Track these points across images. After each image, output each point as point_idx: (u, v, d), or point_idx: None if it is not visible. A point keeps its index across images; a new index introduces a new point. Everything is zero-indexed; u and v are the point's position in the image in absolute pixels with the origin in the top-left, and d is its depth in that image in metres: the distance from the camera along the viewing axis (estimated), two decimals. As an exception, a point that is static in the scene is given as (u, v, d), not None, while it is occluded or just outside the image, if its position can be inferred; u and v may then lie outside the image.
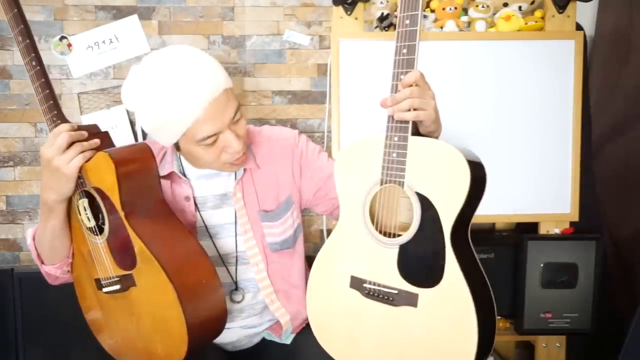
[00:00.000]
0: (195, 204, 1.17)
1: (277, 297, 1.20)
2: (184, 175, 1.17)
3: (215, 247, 1.18)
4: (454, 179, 0.89)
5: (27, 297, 1.60)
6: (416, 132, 0.96)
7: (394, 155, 0.94)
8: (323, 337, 1.06)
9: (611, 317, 1.58)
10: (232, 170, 1.15)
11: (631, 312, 1.10)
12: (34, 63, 1.01)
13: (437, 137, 1.00)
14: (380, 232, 0.98)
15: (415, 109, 0.92)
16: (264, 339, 1.26)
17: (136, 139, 1.75)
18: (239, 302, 1.19)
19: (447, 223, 0.91)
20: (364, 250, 0.99)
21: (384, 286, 0.96)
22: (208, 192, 1.18)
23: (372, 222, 1.00)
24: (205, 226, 1.17)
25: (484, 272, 0.96)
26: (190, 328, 0.98)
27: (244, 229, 1.18)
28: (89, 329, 1.18)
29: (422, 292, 0.93)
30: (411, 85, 0.92)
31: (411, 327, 0.94)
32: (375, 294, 0.98)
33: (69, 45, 1.72)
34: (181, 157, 1.18)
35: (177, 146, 1.08)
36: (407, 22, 0.90)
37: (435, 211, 0.91)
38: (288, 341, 1.23)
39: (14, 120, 1.75)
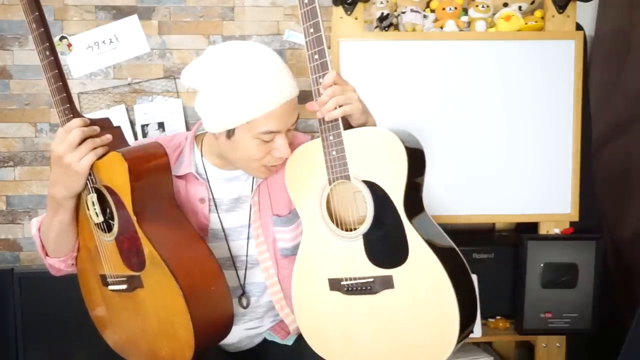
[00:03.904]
0: (215, 205, 1.17)
1: (286, 303, 1.20)
2: (202, 176, 1.17)
3: (229, 249, 1.17)
4: (391, 156, 0.94)
5: (27, 297, 1.60)
6: (349, 127, 1.00)
7: (334, 153, 0.98)
8: (318, 345, 1.07)
9: (611, 317, 1.58)
10: (262, 177, 1.14)
11: (631, 312, 1.11)
12: (47, 53, 0.97)
13: (371, 126, 1.04)
14: (344, 230, 1.01)
15: (340, 106, 0.96)
16: (265, 340, 1.26)
17: (136, 138, 1.75)
18: (244, 308, 1.19)
19: (398, 199, 0.95)
20: (332, 251, 1.02)
21: (360, 278, 0.99)
22: (224, 195, 1.18)
23: (333, 222, 1.02)
24: (223, 228, 1.17)
25: (447, 236, 1.01)
26: (197, 334, 0.97)
27: (257, 233, 1.18)
28: (90, 329, 1.17)
29: (395, 272, 0.96)
30: (331, 85, 0.96)
31: (395, 308, 0.97)
32: (354, 289, 1.00)
33: (69, 45, 1.72)
34: (204, 159, 1.18)
35: (228, 134, 1.05)
36: (312, 30, 0.96)
37: (384, 192, 0.96)
38: (289, 342, 1.23)
39: (14, 120, 1.75)
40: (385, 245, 0.98)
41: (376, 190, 0.96)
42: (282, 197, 1.20)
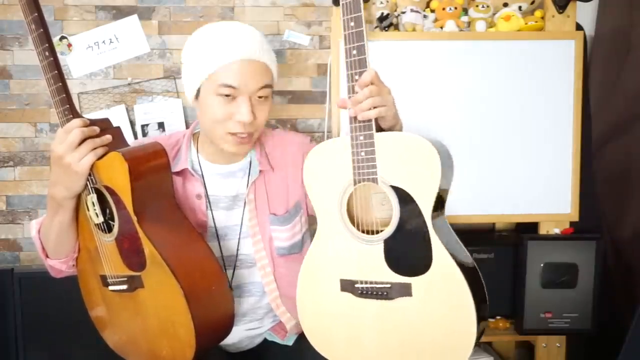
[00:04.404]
0: (209, 202, 1.17)
1: (282, 301, 1.20)
2: (198, 172, 1.17)
3: (220, 249, 1.18)
4: (425, 165, 0.92)
5: (27, 297, 1.60)
6: (378, 129, 0.98)
7: (362, 154, 0.96)
8: (321, 345, 1.06)
9: (611, 317, 1.58)
10: (233, 149, 1.11)
11: (631, 312, 1.10)
12: (47, 53, 0.97)
13: (399, 130, 1.03)
14: (361, 231, 1.00)
15: (375, 107, 0.94)
16: (265, 340, 1.26)
17: (135, 138, 1.75)
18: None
19: (427, 209, 0.93)
20: (348, 252, 1.00)
21: (377, 283, 0.98)
22: (220, 192, 1.18)
23: (351, 223, 1.01)
24: (215, 227, 1.17)
25: (465, 248, 1.00)
26: (198, 334, 0.97)
27: (253, 231, 1.18)
28: (90, 329, 1.17)
29: (415, 280, 0.95)
30: (368, 85, 0.94)
31: (410, 316, 0.96)
32: (369, 292, 0.99)
33: (69, 45, 1.72)
34: (199, 155, 1.19)
35: (197, 96, 1.10)
36: (352, 24, 0.92)
37: (412, 200, 0.94)
38: (290, 342, 1.23)
39: (14, 120, 1.75)
40: (407, 253, 0.96)
41: (404, 197, 0.94)
42: (280, 196, 1.20)
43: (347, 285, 1.01)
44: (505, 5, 1.51)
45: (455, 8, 1.49)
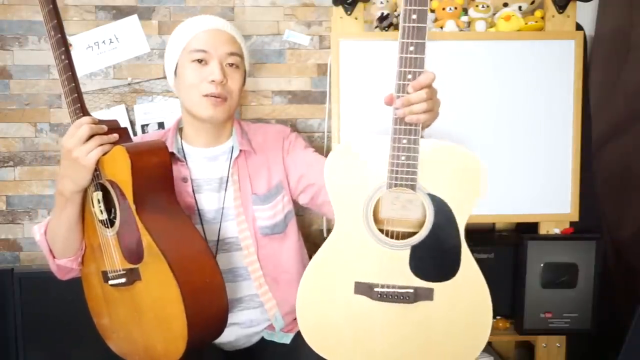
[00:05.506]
0: (192, 186, 1.22)
1: (265, 281, 1.21)
2: (184, 156, 1.23)
3: (204, 232, 1.20)
4: (469, 179, 0.92)
5: (27, 297, 1.60)
6: None
7: (403, 158, 0.92)
8: (321, 346, 1.05)
9: (611, 317, 1.58)
10: (208, 112, 1.18)
11: (631, 312, 1.11)
12: (63, 57, 1.06)
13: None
14: (384, 234, 0.98)
15: (425, 112, 0.91)
16: (263, 339, 1.27)
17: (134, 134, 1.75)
18: None
19: (462, 220, 0.94)
20: (369, 255, 0.98)
21: (398, 287, 0.96)
22: (205, 175, 1.23)
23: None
24: (198, 209, 1.21)
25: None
26: (190, 326, 0.98)
27: (237, 211, 1.21)
28: (90, 329, 1.18)
29: (438, 286, 0.95)
30: (424, 88, 0.89)
31: (429, 319, 0.97)
32: (389, 296, 0.97)
33: (69, 45, 1.72)
34: (183, 141, 1.25)
35: (176, 74, 1.22)
36: (414, 17, 0.85)
37: (449, 210, 0.94)
38: (287, 340, 1.23)
39: (14, 120, 1.75)
40: (434, 259, 0.96)
41: (440, 206, 0.93)
42: (262, 176, 1.25)
43: (364, 289, 0.98)
44: (505, 5, 1.51)
45: (455, 8, 1.49)
